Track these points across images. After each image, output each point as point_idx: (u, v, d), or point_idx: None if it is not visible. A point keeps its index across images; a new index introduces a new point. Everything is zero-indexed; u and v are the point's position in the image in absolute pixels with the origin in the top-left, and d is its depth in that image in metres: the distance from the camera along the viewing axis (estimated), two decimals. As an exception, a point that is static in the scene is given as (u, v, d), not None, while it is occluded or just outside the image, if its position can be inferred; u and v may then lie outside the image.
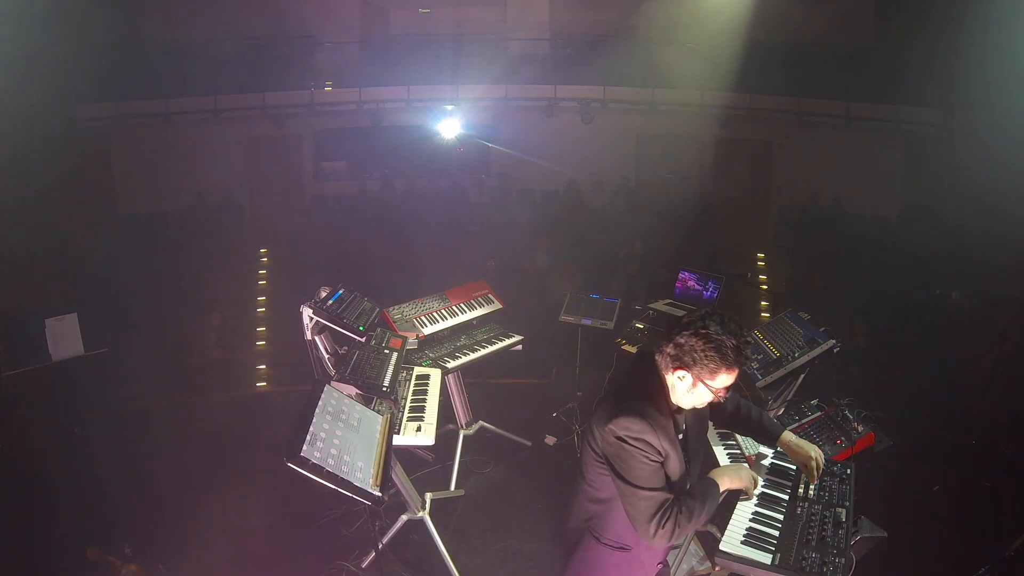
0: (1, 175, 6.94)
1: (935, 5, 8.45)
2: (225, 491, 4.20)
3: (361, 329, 3.86)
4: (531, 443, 5.07)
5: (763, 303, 8.14)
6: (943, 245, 7.81)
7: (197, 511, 4.02)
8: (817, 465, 2.27)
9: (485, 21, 11.26)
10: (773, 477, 2.49)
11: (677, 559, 3.35)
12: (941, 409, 5.21)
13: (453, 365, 4.41)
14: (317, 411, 2.51)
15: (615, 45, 10.39)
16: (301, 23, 10.70)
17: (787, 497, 2.38)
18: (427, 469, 4.64)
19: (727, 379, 2.00)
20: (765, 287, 8.21)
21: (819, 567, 2.05)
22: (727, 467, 2.23)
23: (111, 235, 9.06)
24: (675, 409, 2.09)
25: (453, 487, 4.43)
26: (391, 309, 4.53)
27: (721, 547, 2.17)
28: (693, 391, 2.03)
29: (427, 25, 11.53)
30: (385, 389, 3.35)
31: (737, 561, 2.13)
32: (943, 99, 9.07)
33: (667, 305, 5.26)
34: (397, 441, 3.22)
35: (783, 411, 3.51)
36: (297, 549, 3.81)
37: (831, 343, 3.74)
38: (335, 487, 2.26)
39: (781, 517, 2.28)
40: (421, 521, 3.67)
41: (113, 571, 3.23)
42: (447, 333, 4.77)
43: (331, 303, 3.87)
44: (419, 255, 8.56)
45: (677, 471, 2.06)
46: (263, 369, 7.58)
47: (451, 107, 10.40)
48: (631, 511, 2.00)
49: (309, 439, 2.32)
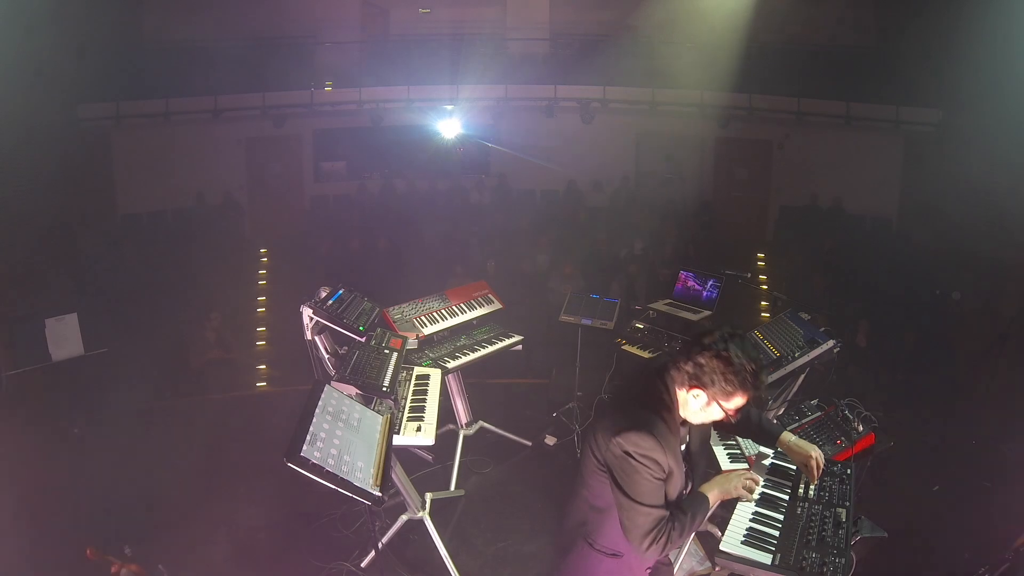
0: (1, 175, 6.95)
1: (935, 5, 8.44)
2: (225, 491, 4.21)
3: (361, 329, 3.86)
4: (531, 443, 5.06)
5: (763, 303, 8.14)
6: (943, 245, 7.83)
7: (197, 511, 4.02)
8: (817, 465, 2.26)
9: (485, 21, 11.25)
10: (773, 477, 2.49)
11: (677, 559, 3.35)
12: (941, 409, 5.21)
13: (453, 365, 4.41)
14: (317, 411, 2.51)
15: (615, 45, 10.40)
16: (301, 23, 10.71)
17: (787, 497, 2.38)
18: (427, 469, 4.63)
19: (741, 401, 2.01)
20: (765, 287, 8.21)
21: (819, 567, 2.05)
22: (717, 480, 2.20)
23: (111, 235, 9.10)
24: (682, 421, 2.09)
25: (453, 487, 4.42)
26: (391, 309, 4.53)
27: (721, 547, 2.17)
28: (706, 410, 2.03)
29: (427, 25, 11.53)
30: (385, 389, 3.35)
31: (737, 561, 2.13)
32: (943, 99, 9.06)
33: (667, 305, 5.23)
34: (397, 441, 3.21)
35: (783, 411, 3.51)
36: (297, 549, 3.80)
37: (831, 343, 3.75)
38: (335, 487, 2.26)
39: (781, 517, 2.28)
40: (421, 521, 3.66)
41: (113, 571, 3.22)
42: (447, 333, 4.77)
43: (331, 303, 3.87)
44: (419, 255, 8.58)
45: (677, 489, 2.06)
46: (263, 369, 7.59)
47: (451, 107, 10.38)
48: (627, 524, 2.00)
49: (309, 439, 2.33)
